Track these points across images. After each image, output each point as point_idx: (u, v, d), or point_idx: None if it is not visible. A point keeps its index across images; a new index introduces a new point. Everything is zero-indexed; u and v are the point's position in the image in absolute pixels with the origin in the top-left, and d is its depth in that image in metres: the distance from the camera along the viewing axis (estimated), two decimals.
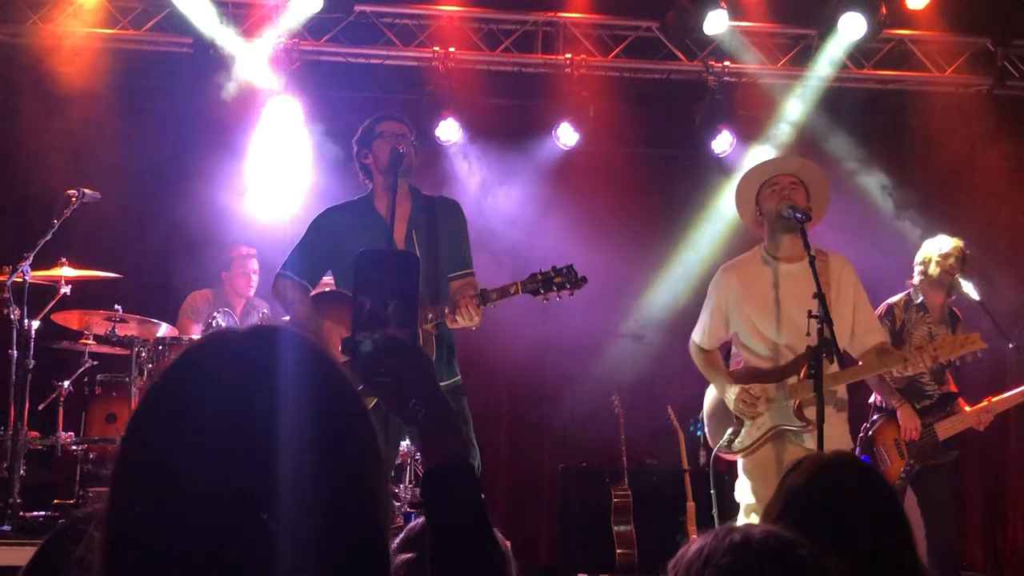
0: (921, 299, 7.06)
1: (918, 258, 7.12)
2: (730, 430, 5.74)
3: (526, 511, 9.74)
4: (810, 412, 5.48)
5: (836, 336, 5.14)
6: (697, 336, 5.96)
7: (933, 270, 7.02)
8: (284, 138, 9.36)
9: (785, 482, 2.66)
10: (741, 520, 5.63)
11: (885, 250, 9.59)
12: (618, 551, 8.70)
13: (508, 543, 2.59)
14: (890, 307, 7.13)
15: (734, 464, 5.97)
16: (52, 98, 8.79)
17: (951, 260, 7.01)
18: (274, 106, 9.21)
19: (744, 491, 5.73)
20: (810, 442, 5.51)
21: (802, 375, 5.51)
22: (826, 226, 6.06)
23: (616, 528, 8.77)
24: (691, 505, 8.59)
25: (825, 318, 5.09)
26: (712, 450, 5.87)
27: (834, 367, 5.36)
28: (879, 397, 6.95)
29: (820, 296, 5.14)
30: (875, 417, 6.98)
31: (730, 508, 5.89)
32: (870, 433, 6.95)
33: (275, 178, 9.35)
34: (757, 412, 5.61)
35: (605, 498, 8.85)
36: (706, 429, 6.00)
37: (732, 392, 5.67)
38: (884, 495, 2.62)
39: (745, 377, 5.77)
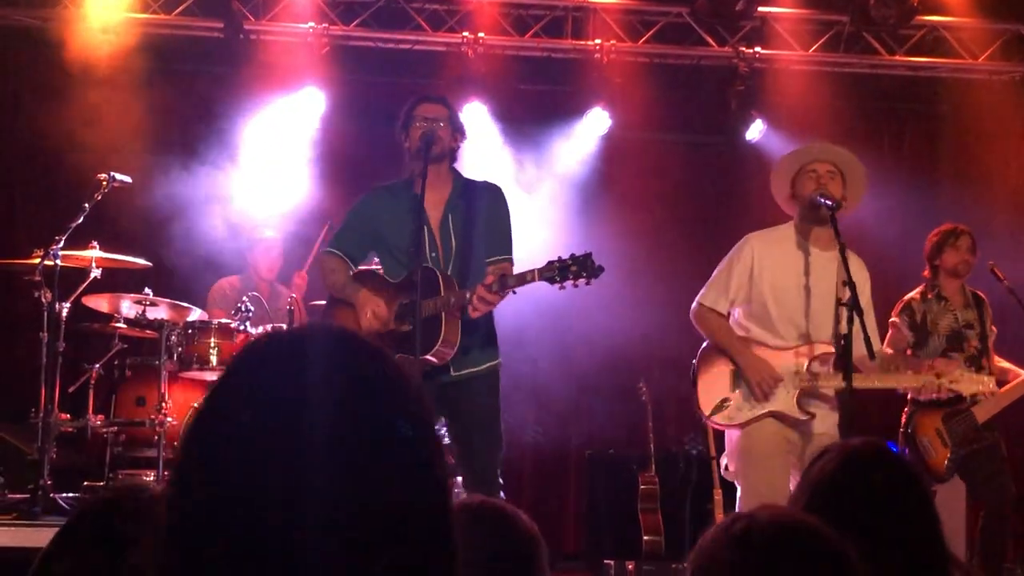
0: (937, 290, 7.02)
1: (928, 250, 7.08)
2: (719, 399, 5.69)
3: (553, 498, 9.75)
4: (809, 404, 5.53)
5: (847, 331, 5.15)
6: (710, 300, 5.80)
7: (945, 261, 7.00)
8: (314, 123, 9.38)
9: (811, 471, 2.65)
10: (749, 503, 5.58)
11: (915, 237, 9.54)
12: (645, 538, 8.70)
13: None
14: (907, 303, 7.08)
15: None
16: (83, 82, 8.81)
17: (963, 252, 7.00)
18: (303, 91, 9.22)
19: (743, 473, 5.65)
20: (806, 429, 5.55)
21: (805, 367, 5.52)
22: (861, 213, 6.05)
23: (643, 515, 8.77)
24: (718, 492, 8.57)
25: (855, 307, 5.07)
26: (702, 413, 5.80)
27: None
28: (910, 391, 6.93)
29: (851, 284, 5.12)
30: (910, 411, 6.94)
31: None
32: (909, 429, 6.92)
33: (303, 163, 9.37)
34: (771, 392, 5.55)
35: (632, 485, 8.86)
36: (698, 391, 5.85)
37: (756, 366, 5.59)
38: (911, 482, 2.60)
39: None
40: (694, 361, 5.93)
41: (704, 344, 5.89)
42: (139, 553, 2.15)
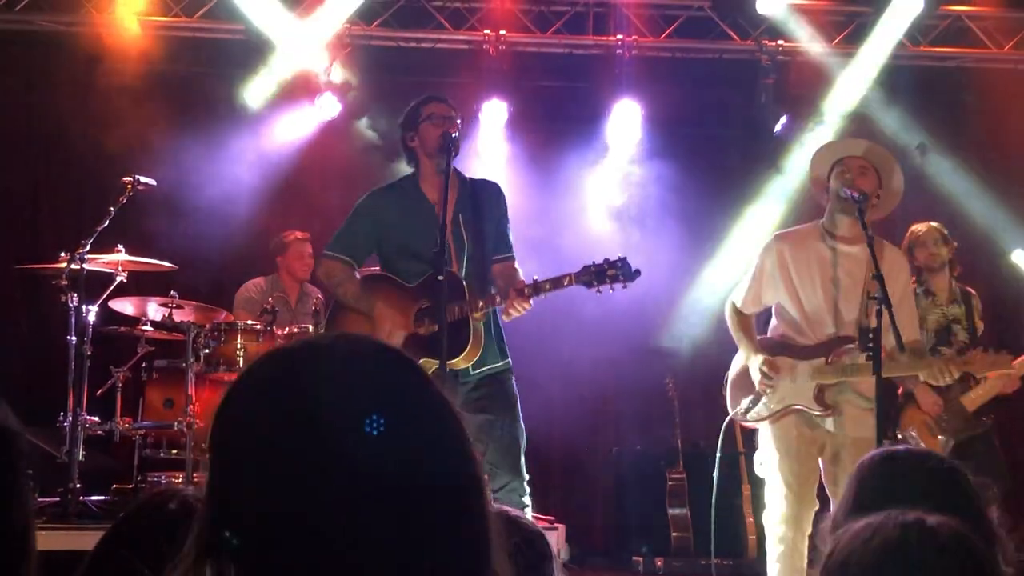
0: (925, 285, 7.00)
1: (904, 245, 7.03)
2: (748, 398, 5.71)
3: (580, 494, 9.72)
4: (830, 398, 5.50)
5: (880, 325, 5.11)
6: (737, 298, 5.88)
7: (917, 257, 6.99)
8: (337, 124, 9.40)
9: (856, 474, 2.64)
10: (775, 497, 5.57)
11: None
12: (673, 534, 8.68)
13: (562, 526, 2.58)
14: None
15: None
16: (106, 86, 8.85)
17: (929, 246, 7.00)
18: (326, 92, 9.24)
19: (771, 467, 5.65)
20: (831, 426, 5.50)
21: (829, 359, 5.50)
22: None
23: (671, 511, 8.75)
24: (747, 488, 8.55)
25: (884, 300, 5.03)
26: (728, 415, 5.85)
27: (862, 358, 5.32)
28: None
29: (879, 278, 5.07)
30: (900, 402, 6.90)
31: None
32: (898, 419, 6.88)
33: (326, 165, 9.38)
34: (771, 385, 5.58)
35: (660, 481, 8.84)
36: (727, 393, 5.94)
37: (756, 361, 5.64)
38: (952, 483, 2.58)
39: (773, 348, 5.72)
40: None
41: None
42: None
